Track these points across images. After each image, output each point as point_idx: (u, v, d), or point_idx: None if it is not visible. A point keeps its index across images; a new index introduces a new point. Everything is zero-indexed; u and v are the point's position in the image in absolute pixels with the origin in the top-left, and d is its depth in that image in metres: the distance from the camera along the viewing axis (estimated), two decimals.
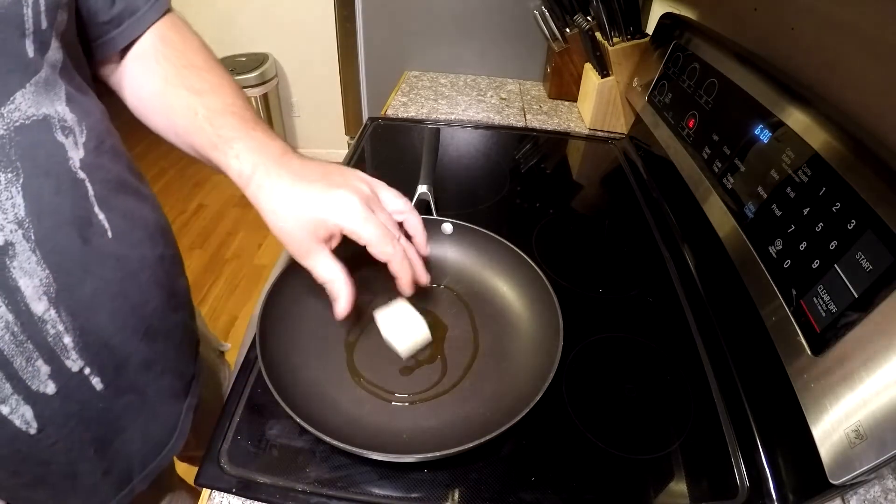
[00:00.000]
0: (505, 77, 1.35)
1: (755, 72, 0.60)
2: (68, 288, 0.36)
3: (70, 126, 0.37)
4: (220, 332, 1.81)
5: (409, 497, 0.42)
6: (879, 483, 0.44)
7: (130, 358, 0.43)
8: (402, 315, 0.52)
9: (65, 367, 0.37)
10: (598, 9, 0.96)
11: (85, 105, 0.40)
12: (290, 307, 0.54)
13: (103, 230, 0.39)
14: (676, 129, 0.75)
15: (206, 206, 2.47)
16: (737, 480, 0.45)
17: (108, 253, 0.39)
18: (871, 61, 0.49)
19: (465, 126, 1.07)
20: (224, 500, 0.42)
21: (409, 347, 0.51)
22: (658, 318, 0.62)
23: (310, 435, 0.44)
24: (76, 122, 0.38)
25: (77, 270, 0.37)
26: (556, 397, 0.50)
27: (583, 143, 1.05)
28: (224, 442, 0.45)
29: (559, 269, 0.66)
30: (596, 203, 0.88)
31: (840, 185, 0.42)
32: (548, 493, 0.43)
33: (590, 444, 0.47)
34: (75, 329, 0.37)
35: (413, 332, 0.51)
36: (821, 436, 0.38)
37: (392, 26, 1.31)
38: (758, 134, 0.55)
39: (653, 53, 0.89)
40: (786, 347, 0.44)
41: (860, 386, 0.35)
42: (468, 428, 0.45)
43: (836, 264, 0.40)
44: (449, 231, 0.64)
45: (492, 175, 0.90)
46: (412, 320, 0.52)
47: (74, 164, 0.37)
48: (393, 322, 0.52)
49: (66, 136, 0.37)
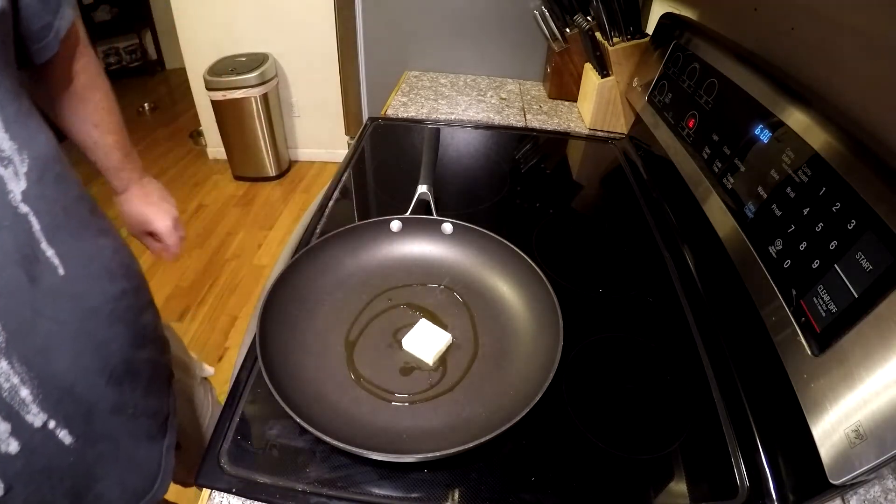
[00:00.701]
0: (505, 77, 1.35)
1: (755, 72, 0.60)
2: (19, 334, 0.33)
3: (8, 156, 0.34)
4: (219, 332, 1.81)
5: (409, 497, 0.42)
6: (879, 483, 0.44)
7: (98, 405, 0.40)
8: (423, 332, 0.54)
9: (26, 423, 0.34)
10: (598, 9, 0.96)
11: (27, 131, 0.37)
12: (290, 307, 0.54)
13: (53, 267, 0.36)
14: (676, 129, 0.75)
15: (206, 206, 2.47)
16: (737, 480, 0.45)
17: (60, 292, 0.37)
18: (871, 61, 0.49)
19: (465, 126, 1.07)
20: (224, 500, 0.42)
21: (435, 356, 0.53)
22: (658, 318, 0.62)
23: (310, 435, 0.44)
24: (16, 150, 0.35)
25: (27, 314, 0.34)
26: (556, 397, 0.50)
27: (583, 143, 1.05)
28: (224, 442, 0.45)
29: (559, 269, 0.66)
30: (596, 203, 0.88)
31: (840, 185, 0.42)
32: (548, 493, 0.43)
33: (590, 444, 0.47)
34: (32, 380, 0.34)
35: (436, 342, 0.53)
36: (821, 436, 0.38)
37: (392, 26, 1.31)
38: (758, 134, 0.55)
39: (653, 53, 0.89)
40: (786, 347, 0.44)
41: (860, 386, 0.35)
42: (468, 428, 0.45)
43: (836, 264, 0.40)
44: (449, 231, 0.64)
45: (492, 175, 0.90)
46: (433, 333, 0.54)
47: (15, 198, 0.34)
48: (419, 341, 0.53)
49: (4, 166, 0.34)
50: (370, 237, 0.64)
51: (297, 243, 0.70)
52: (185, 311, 1.88)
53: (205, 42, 2.44)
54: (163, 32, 3.95)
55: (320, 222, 0.74)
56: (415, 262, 0.64)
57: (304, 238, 0.71)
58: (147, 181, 0.70)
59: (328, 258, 0.60)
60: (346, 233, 0.62)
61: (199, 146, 2.93)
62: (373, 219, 0.64)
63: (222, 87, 2.31)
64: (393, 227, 0.64)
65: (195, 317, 1.86)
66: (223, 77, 2.29)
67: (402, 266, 0.63)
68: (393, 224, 0.64)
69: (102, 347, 0.41)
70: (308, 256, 0.58)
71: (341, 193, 0.82)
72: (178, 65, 3.07)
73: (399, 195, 0.75)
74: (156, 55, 4.11)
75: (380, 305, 0.58)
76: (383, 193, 0.84)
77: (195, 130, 2.92)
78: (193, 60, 2.50)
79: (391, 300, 0.59)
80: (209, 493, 0.43)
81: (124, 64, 3.96)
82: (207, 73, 2.32)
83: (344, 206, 0.80)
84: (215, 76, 2.30)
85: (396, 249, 0.64)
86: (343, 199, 0.81)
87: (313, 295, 0.57)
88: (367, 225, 0.64)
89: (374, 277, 0.61)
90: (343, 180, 0.84)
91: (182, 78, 2.73)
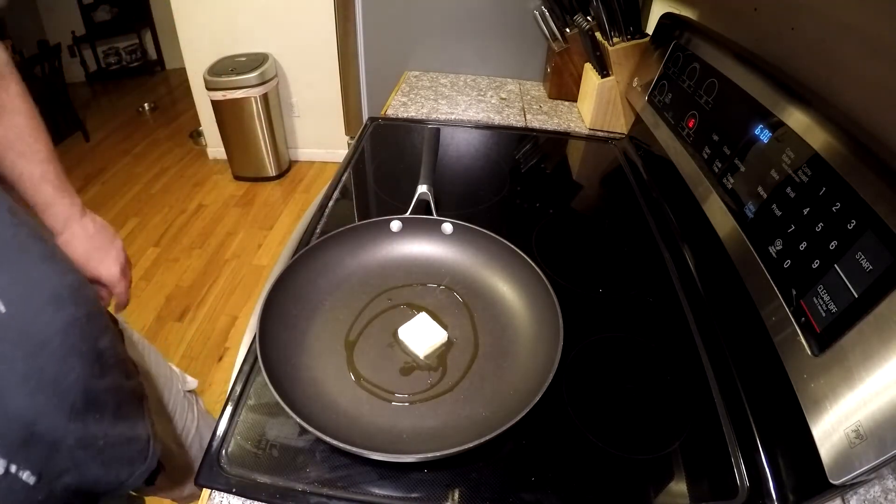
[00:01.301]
0: (505, 77, 1.35)
1: (755, 72, 0.60)
2: None
3: None
4: (219, 332, 1.81)
5: (409, 497, 0.42)
6: (879, 483, 0.44)
7: (63, 441, 0.38)
8: (421, 325, 0.55)
9: None
10: (598, 9, 0.96)
11: None
12: (290, 307, 0.54)
13: None
14: (676, 129, 0.75)
15: (205, 206, 2.47)
16: (737, 480, 0.45)
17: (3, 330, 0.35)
18: (871, 61, 0.49)
19: (465, 126, 1.07)
20: (224, 500, 0.42)
21: (427, 351, 0.53)
22: (658, 318, 0.62)
23: (310, 435, 0.44)
24: None
25: None
26: (556, 397, 0.50)
27: (583, 143, 1.05)
28: (224, 442, 0.45)
29: (559, 269, 0.66)
30: (596, 203, 0.88)
31: (840, 185, 0.42)
32: (548, 493, 0.43)
33: (590, 444, 0.47)
34: None
35: (431, 337, 0.54)
36: (821, 436, 0.38)
37: (392, 26, 1.31)
38: (758, 134, 0.55)
39: (653, 53, 0.89)
40: (786, 347, 0.44)
41: (860, 386, 0.35)
42: (468, 428, 0.45)
43: (836, 264, 0.40)
44: (449, 231, 0.64)
45: (492, 175, 0.90)
46: (430, 328, 0.54)
47: None
48: (415, 333, 0.54)
49: None
50: (370, 237, 0.64)
51: (297, 243, 0.70)
52: (185, 311, 1.88)
53: (205, 42, 2.44)
54: (163, 32, 3.95)
55: (320, 222, 0.74)
56: (415, 262, 0.64)
57: (304, 238, 0.71)
58: (90, 220, 0.60)
59: (328, 258, 0.60)
60: (346, 233, 0.62)
61: (199, 146, 2.93)
62: (373, 219, 0.64)
63: (222, 87, 2.31)
64: (393, 227, 0.64)
65: (195, 317, 1.87)
66: (223, 77, 2.29)
67: (402, 266, 0.63)
68: (393, 224, 0.64)
69: (57, 383, 0.38)
70: (308, 256, 0.58)
71: (341, 193, 0.82)
72: (178, 65, 3.07)
73: (399, 195, 0.75)
74: (156, 55, 4.11)
75: (380, 305, 0.58)
76: (383, 193, 0.84)
77: (195, 130, 2.93)
78: (193, 60, 2.50)
79: (391, 300, 0.59)
80: (209, 493, 0.43)
81: (124, 64, 3.96)
82: (207, 73, 2.32)
83: (344, 206, 0.80)
84: (215, 76, 2.30)
85: (396, 249, 0.64)
86: (343, 199, 0.81)
87: (313, 295, 0.57)
88: (367, 225, 0.64)
89: (373, 277, 0.61)
90: (343, 180, 0.84)
91: (182, 78, 2.73)
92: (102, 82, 3.90)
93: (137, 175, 2.72)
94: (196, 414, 0.77)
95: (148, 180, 2.67)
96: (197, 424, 0.76)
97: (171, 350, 1.73)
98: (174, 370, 0.76)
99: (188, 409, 0.75)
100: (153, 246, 2.21)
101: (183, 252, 2.18)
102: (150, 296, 1.93)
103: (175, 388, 0.73)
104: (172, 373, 0.74)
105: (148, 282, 2.00)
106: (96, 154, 2.93)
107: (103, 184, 2.63)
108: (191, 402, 0.77)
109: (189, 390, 0.77)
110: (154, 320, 1.84)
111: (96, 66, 3.89)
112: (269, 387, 0.42)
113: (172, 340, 1.77)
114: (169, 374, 0.73)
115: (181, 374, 0.77)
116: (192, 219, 2.38)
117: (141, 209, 2.43)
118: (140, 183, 2.65)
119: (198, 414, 0.78)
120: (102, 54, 3.88)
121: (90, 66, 3.86)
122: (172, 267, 2.09)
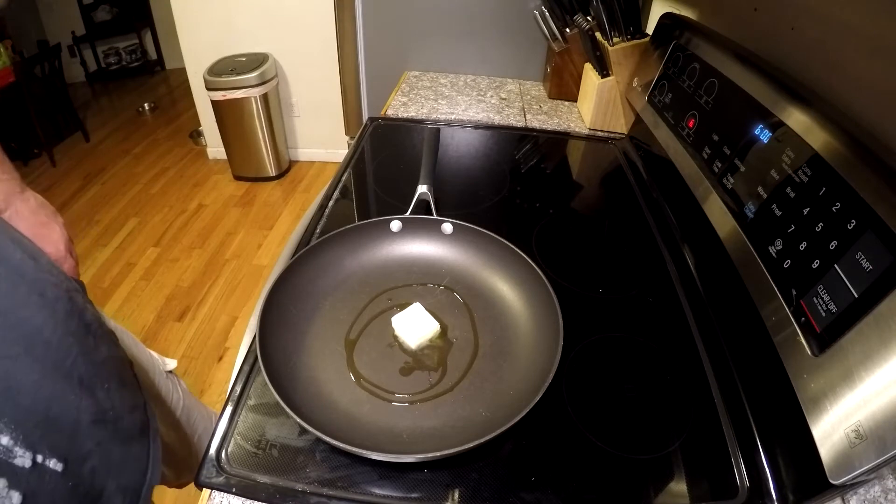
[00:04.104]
0: (505, 77, 1.35)
1: (755, 72, 0.60)
2: None
3: None
4: (219, 332, 1.81)
5: (409, 497, 0.42)
6: (879, 483, 0.44)
7: (80, 420, 0.39)
8: (414, 316, 0.55)
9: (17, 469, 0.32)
10: (598, 9, 0.96)
11: None
12: (290, 307, 0.54)
13: None
14: (676, 129, 0.75)
15: (205, 206, 2.47)
16: (737, 480, 0.45)
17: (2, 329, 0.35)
18: (871, 61, 0.49)
19: (465, 126, 1.07)
20: (224, 500, 0.42)
21: (419, 342, 0.53)
22: (658, 318, 0.62)
23: (310, 435, 0.44)
24: None
25: None
26: (556, 397, 0.50)
27: (583, 143, 1.05)
28: (224, 442, 0.45)
29: (559, 269, 0.66)
30: (596, 203, 0.88)
31: (840, 185, 0.42)
32: (548, 493, 0.43)
33: (590, 444, 0.47)
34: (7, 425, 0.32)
35: (423, 328, 0.54)
36: (821, 436, 0.38)
37: (392, 26, 1.31)
38: (758, 134, 0.55)
39: (653, 53, 0.89)
40: (786, 347, 0.44)
41: (860, 386, 0.35)
42: (468, 428, 0.45)
43: (836, 264, 0.40)
44: (449, 231, 0.64)
45: (492, 175, 0.90)
46: (423, 318, 0.55)
47: None
48: (407, 323, 0.54)
49: None
50: (370, 237, 0.64)
51: (297, 243, 0.70)
52: (185, 311, 1.88)
53: (205, 42, 2.44)
54: (163, 32, 3.95)
55: (320, 222, 0.74)
56: (415, 262, 0.64)
57: (304, 238, 0.71)
58: (31, 195, 0.59)
59: (328, 258, 0.60)
60: (346, 233, 0.62)
61: (199, 146, 2.93)
62: (373, 219, 0.64)
63: (222, 86, 2.31)
64: (393, 227, 0.64)
65: (195, 317, 1.87)
66: (223, 77, 2.30)
67: (402, 266, 0.63)
68: (393, 224, 0.64)
69: (60, 364, 0.39)
70: (308, 256, 0.58)
71: (341, 193, 0.82)
72: (178, 65, 3.07)
73: (399, 195, 0.75)
74: (156, 55, 4.11)
75: (380, 305, 0.58)
76: (383, 193, 0.84)
77: (195, 130, 2.93)
78: (193, 60, 2.50)
79: (391, 300, 0.59)
80: (209, 493, 0.43)
81: (124, 64, 3.96)
82: (207, 73, 2.33)
83: (344, 206, 0.80)
84: (215, 76, 2.30)
85: (396, 249, 0.64)
86: (343, 199, 0.81)
87: (313, 295, 0.57)
88: (367, 225, 0.64)
89: (373, 277, 0.61)
90: (343, 180, 0.84)
91: (182, 78, 2.73)
92: (102, 82, 3.90)
93: (137, 175, 2.72)
94: (181, 393, 0.77)
95: (148, 180, 2.67)
96: (183, 404, 0.76)
97: (171, 350, 1.73)
98: (151, 353, 0.76)
99: (172, 389, 0.76)
100: (153, 246, 2.21)
101: (183, 252, 2.18)
102: (150, 296, 1.93)
103: (157, 370, 0.73)
104: (150, 355, 0.74)
105: (148, 282, 2.00)
106: (96, 154, 2.93)
107: (103, 184, 2.63)
108: (174, 382, 0.78)
109: (169, 370, 0.77)
110: (154, 320, 1.84)
111: (96, 66, 3.89)
112: (269, 387, 0.42)
113: (172, 340, 1.77)
114: (149, 356, 0.73)
115: (159, 357, 0.77)
116: (192, 219, 2.38)
117: (141, 209, 2.43)
118: (140, 183, 2.65)
119: (182, 394, 0.78)
120: (102, 54, 3.88)
121: (90, 66, 3.86)
122: (172, 267, 2.09)
